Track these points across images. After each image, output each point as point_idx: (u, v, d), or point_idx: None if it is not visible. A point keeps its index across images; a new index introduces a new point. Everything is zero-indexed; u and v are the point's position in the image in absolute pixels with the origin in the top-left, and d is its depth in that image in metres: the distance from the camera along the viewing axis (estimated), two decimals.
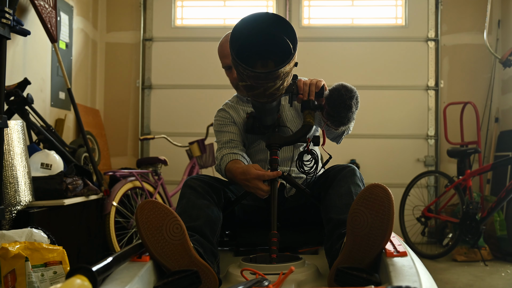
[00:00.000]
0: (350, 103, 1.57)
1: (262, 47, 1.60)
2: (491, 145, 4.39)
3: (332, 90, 1.60)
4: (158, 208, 1.37)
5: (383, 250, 1.30)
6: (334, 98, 1.58)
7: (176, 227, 1.37)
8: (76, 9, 4.20)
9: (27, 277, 1.90)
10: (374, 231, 1.27)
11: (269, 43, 1.58)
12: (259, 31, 1.55)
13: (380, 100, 4.64)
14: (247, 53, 1.55)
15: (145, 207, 1.36)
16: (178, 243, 1.36)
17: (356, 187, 1.64)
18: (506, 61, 3.74)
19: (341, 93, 1.57)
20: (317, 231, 1.85)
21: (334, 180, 1.67)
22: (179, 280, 1.33)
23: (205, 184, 1.71)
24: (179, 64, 4.74)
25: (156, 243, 1.34)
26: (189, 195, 1.67)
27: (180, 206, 1.67)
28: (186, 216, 1.60)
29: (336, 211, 1.57)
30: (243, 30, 1.53)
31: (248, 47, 1.56)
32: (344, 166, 1.71)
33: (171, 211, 1.38)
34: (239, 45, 1.53)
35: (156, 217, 1.36)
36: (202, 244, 1.52)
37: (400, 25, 4.71)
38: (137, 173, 3.54)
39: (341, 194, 1.61)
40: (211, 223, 1.61)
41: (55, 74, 3.79)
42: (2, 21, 2.21)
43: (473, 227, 3.53)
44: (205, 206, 1.64)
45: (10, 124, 2.41)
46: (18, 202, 2.41)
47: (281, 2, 4.72)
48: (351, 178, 1.65)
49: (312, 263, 1.63)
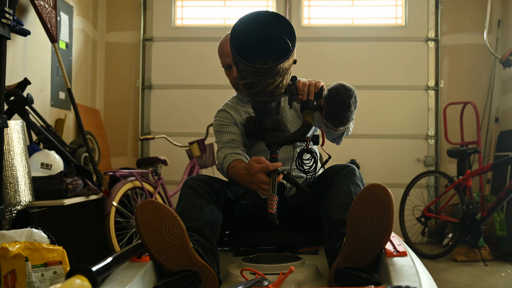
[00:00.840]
0: (349, 102, 1.57)
1: (261, 45, 1.61)
2: (491, 145, 4.39)
3: (331, 89, 1.60)
4: (158, 208, 1.37)
5: (383, 250, 1.30)
6: (333, 97, 1.58)
7: (175, 227, 1.37)
8: (76, 9, 4.20)
9: (27, 277, 1.90)
10: (374, 231, 1.27)
11: (268, 41, 1.60)
12: (258, 30, 1.56)
13: (380, 100, 4.64)
14: (247, 52, 1.55)
15: (145, 207, 1.36)
16: (178, 243, 1.36)
17: (355, 186, 1.64)
18: (506, 61, 3.74)
19: (339, 92, 1.57)
20: (317, 231, 1.85)
21: (333, 180, 1.67)
22: (179, 280, 1.33)
23: (205, 184, 1.72)
24: (179, 64, 4.74)
25: (156, 243, 1.34)
26: (189, 195, 1.68)
27: (180, 206, 1.68)
28: (186, 216, 1.60)
29: (336, 210, 1.57)
30: (242, 29, 1.54)
31: (248, 45, 1.57)
32: (344, 165, 1.72)
33: (171, 211, 1.38)
34: (239, 43, 1.54)
35: (156, 217, 1.36)
36: (202, 244, 1.52)
37: (400, 25, 4.71)
38: (137, 173, 3.54)
39: (340, 194, 1.61)
40: (211, 223, 1.61)
41: (55, 74, 3.79)
42: (2, 21, 2.21)
43: (473, 227, 3.53)
44: (205, 206, 1.64)
45: (10, 124, 2.41)
46: (18, 202, 2.41)
47: (281, 2, 4.72)
48: (351, 177, 1.66)
49: (312, 263, 1.63)
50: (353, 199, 1.49)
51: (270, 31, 1.57)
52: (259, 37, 1.58)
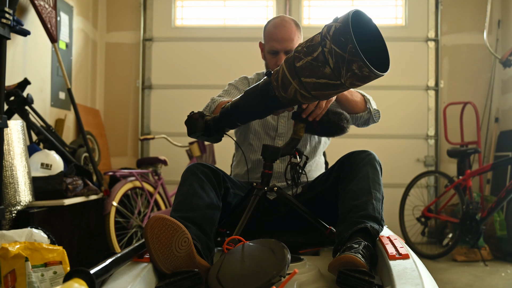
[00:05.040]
0: (343, 126, 1.66)
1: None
2: (491, 145, 4.39)
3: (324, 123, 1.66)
4: (168, 225, 1.35)
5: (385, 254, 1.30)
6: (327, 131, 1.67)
7: (184, 241, 1.36)
8: (76, 9, 4.19)
9: (27, 277, 1.90)
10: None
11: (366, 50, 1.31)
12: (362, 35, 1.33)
13: (380, 100, 4.59)
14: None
15: (155, 226, 1.33)
16: (185, 255, 1.36)
17: (374, 171, 1.65)
18: (506, 61, 3.75)
19: (332, 121, 1.64)
20: (318, 232, 1.84)
21: (353, 164, 1.68)
22: (181, 281, 1.32)
23: (208, 169, 1.71)
24: (179, 64, 4.74)
25: (166, 259, 1.34)
26: (191, 181, 1.66)
27: (181, 192, 1.66)
28: (186, 204, 1.60)
29: (352, 195, 1.59)
30: (356, 26, 1.28)
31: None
32: (362, 151, 1.72)
33: (180, 226, 1.36)
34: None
35: (166, 234, 1.34)
36: (199, 238, 1.53)
37: (400, 25, 4.70)
38: (137, 173, 3.53)
39: (358, 178, 1.62)
40: (210, 214, 1.62)
41: (55, 74, 3.78)
42: (2, 21, 2.20)
43: (473, 227, 3.53)
44: (206, 194, 1.64)
45: (10, 124, 2.41)
46: (18, 202, 2.41)
47: (281, 2, 4.72)
48: (371, 163, 1.67)
49: (313, 264, 1.62)
50: (370, 184, 1.58)
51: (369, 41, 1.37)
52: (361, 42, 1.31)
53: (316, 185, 1.86)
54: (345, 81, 1.28)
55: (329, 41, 1.26)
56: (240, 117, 1.60)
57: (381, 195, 1.62)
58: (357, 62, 1.23)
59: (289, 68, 1.37)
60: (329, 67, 1.27)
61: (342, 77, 1.27)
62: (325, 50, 1.27)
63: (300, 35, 2.00)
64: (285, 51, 1.93)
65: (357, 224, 1.49)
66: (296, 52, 1.37)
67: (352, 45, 1.22)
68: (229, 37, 4.71)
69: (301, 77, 1.34)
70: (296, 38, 1.96)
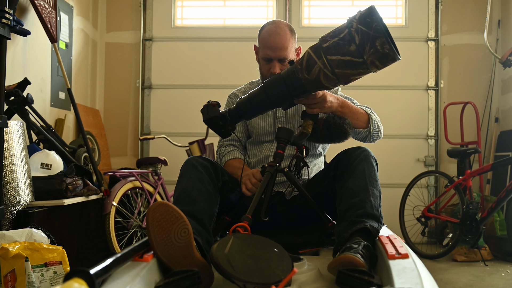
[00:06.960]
0: (346, 129, 1.72)
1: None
2: (491, 145, 4.39)
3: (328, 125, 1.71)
4: (170, 212, 1.36)
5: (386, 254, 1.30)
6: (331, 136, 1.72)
7: (184, 231, 1.36)
8: (76, 9, 4.19)
9: (27, 277, 1.90)
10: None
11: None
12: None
13: (380, 100, 4.64)
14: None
15: (158, 210, 1.35)
16: (183, 245, 1.36)
17: (370, 167, 1.66)
18: (506, 61, 3.74)
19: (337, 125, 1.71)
20: (318, 232, 1.84)
21: (348, 161, 1.69)
22: (181, 280, 1.32)
23: (206, 161, 1.73)
24: (179, 64, 4.74)
25: (163, 245, 1.34)
26: (191, 174, 1.68)
27: (180, 185, 1.67)
28: (186, 197, 1.61)
29: (350, 193, 1.60)
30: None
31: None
32: (357, 147, 1.75)
33: (182, 216, 1.37)
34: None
35: (167, 221, 1.35)
36: (199, 233, 1.53)
37: (400, 25, 4.70)
38: (137, 173, 3.53)
39: (355, 175, 1.63)
40: (209, 208, 1.63)
41: (55, 74, 3.78)
42: (2, 21, 2.21)
43: (473, 227, 3.53)
44: (205, 188, 1.65)
45: (10, 124, 2.41)
46: (18, 202, 2.41)
47: (281, 2, 4.72)
48: (366, 159, 1.69)
49: (313, 264, 1.62)
50: (367, 181, 1.60)
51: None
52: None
53: (314, 184, 1.87)
54: (367, 58, 1.42)
55: (355, 22, 1.43)
56: (261, 102, 1.68)
57: (379, 191, 1.63)
58: (380, 39, 1.40)
59: (315, 50, 1.50)
60: (355, 44, 1.42)
61: (365, 53, 1.42)
62: (352, 30, 1.44)
63: (294, 42, 1.98)
64: (278, 59, 1.93)
65: (356, 224, 1.49)
66: (322, 37, 1.51)
67: (377, 23, 1.40)
68: (229, 37, 4.71)
69: (327, 55, 1.46)
70: (290, 46, 1.94)
